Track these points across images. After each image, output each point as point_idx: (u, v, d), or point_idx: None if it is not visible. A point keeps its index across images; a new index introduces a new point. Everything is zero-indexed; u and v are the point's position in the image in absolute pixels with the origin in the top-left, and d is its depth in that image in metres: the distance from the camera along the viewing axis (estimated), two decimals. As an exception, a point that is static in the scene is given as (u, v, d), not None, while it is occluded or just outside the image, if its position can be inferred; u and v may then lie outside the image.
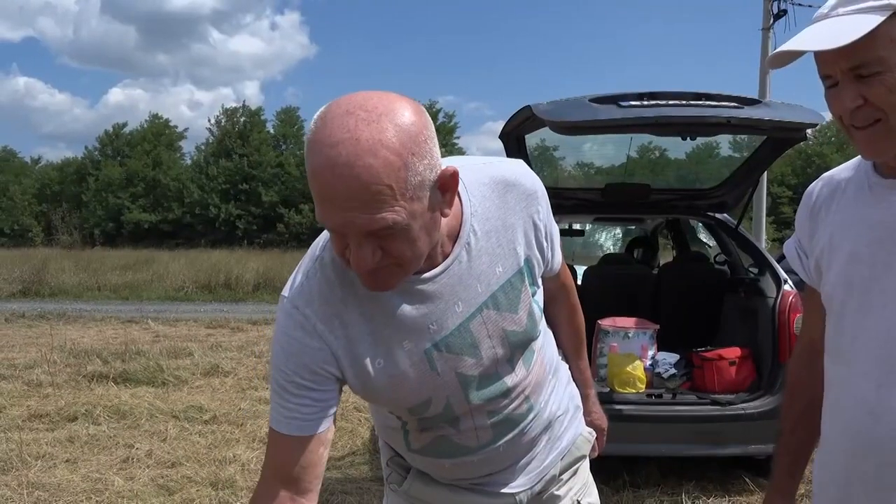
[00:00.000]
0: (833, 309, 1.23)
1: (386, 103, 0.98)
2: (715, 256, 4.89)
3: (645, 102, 3.31)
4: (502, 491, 1.34)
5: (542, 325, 1.33)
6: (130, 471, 4.01)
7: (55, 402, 5.40)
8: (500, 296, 1.19)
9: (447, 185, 1.04)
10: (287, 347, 1.13)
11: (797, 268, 1.38)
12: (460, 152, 46.92)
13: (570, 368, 1.54)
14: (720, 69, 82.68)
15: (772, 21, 13.39)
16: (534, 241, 1.25)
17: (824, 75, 1.12)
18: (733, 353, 3.91)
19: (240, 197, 44.19)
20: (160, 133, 49.02)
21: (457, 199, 1.15)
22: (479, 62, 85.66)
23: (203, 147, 48.31)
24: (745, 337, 4.06)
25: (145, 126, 49.49)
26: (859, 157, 1.24)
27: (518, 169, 1.25)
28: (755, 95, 4.61)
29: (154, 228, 43.63)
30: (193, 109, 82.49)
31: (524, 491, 1.36)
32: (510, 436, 1.28)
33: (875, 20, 1.04)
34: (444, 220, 1.10)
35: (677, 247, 5.86)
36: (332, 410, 1.16)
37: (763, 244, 12.74)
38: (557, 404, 1.39)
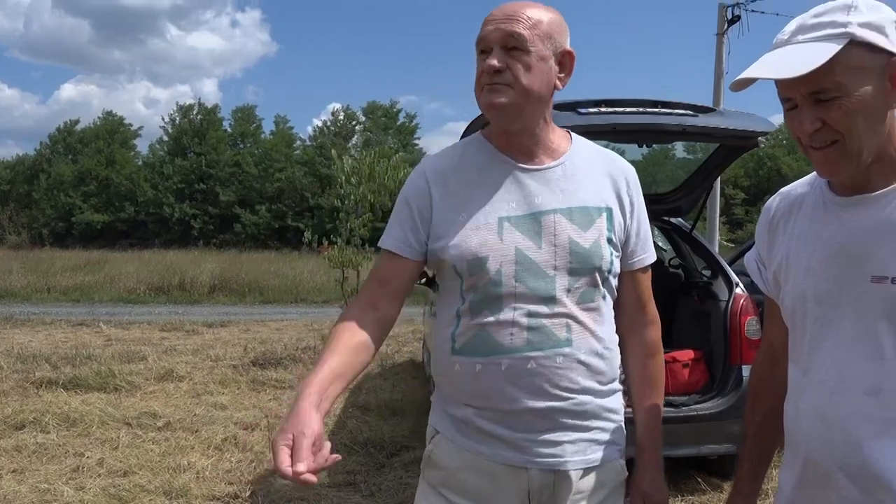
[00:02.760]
0: (792, 320, 1.29)
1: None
2: (669, 260, 4.97)
3: (603, 109, 3.37)
4: (517, 464, 1.41)
5: (609, 287, 1.48)
6: (81, 480, 3.91)
7: (1, 409, 5.23)
8: (575, 212, 1.43)
9: (566, 59, 1.45)
10: (406, 184, 1.52)
11: (757, 279, 1.42)
12: (420, 153, 46.92)
13: (634, 413, 1.55)
14: (680, 69, 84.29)
15: (726, 26, 13.72)
16: (618, 207, 1.48)
17: (785, 98, 1.17)
18: (686, 355, 3.99)
19: (195, 196, 43.42)
20: (114, 131, 47.83)
21: (569, 136, 1.53)
22: (441, 62, 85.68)
23: (157, 145, 47.42)
24: (698, 339, 4.15)
25: (98, 123, 48.32)
26: (815, 173, 1.28)
27: (624, 160, 1.55)
28: (712, 95, 4.67)
29: (106, 228, 42.57)
30: (149, 107, 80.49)
31: (535, 468, 1.41)
32: (540, 354, 1.38)
33: (833, 49, 1.08)
34: (556, 139, 1.49)
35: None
36: (414, 248, 1.46)
37: (717, 245, 13.03)
38: (595, 396, 1.44)
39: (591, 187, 1.47)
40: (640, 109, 3.39)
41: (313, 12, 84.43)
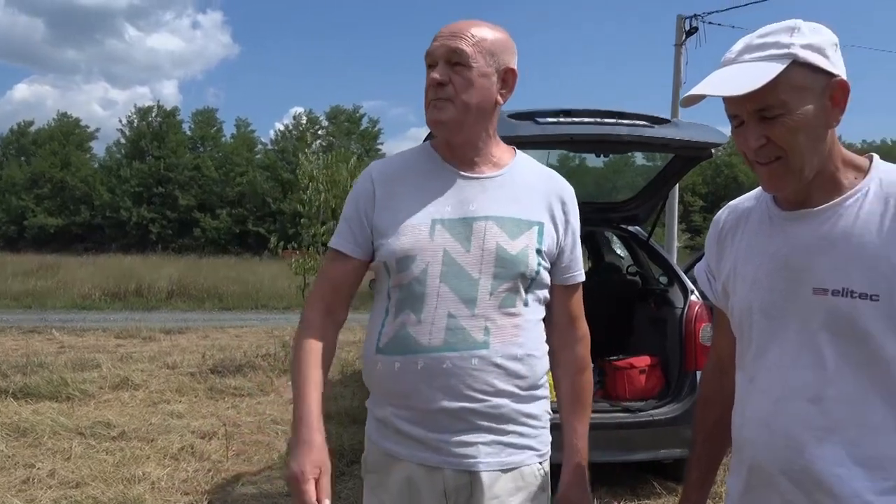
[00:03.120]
0: (740, 331, 1.33)
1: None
2: (627, 268, 5.05)
3: (561, 119, 3.42)
4: (432, 464, 1.45)
5: (534, 296, 1.52)
6: (31, 492, 3.81)
7: (-53, 420, 5.07)
8: (506, 221, 1.49)
9: (509, 77, 1.52)
10: (354, 186, 1.60)
11: (707, 290, 1.47)
12: (383, 157, 46.82)
13: (563, 425, 1.60)
14: (643, 77, 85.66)
15: (684, 38, 14.00)
16: (551, 223, 1.54)
17: (732, 115, 1.21)
18: (643, 361, 4.06)
19: (154, 200, 42.70)
20: (69, 132, 46.84)
21: (513, 151, 1.61)
22: (405, 67, 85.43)
23: (114, 148, 46.53)
24: (655, 346, 4.22)
25: (53, 124, 47.21)
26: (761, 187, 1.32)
27: (564, 180, 1.62)
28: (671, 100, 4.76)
29: (60, 232, 41.58)
30: (107, 108, 79.15)
31: (449, 468, 1.44)
32: (455, 355, 1.42)
33: (777, 68, 1.13)
34: (499, 152, 1.56)
35: (593, 258, 6.04)
36: (361, 247, 1.53)
37: (675, 251, 13.27)
38: (512, 400, 1.47)
39: (526, 201, 1.53)
40: (598, 120, 3.44)
41: (276, 15, 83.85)
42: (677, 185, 8.78)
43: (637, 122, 3.47)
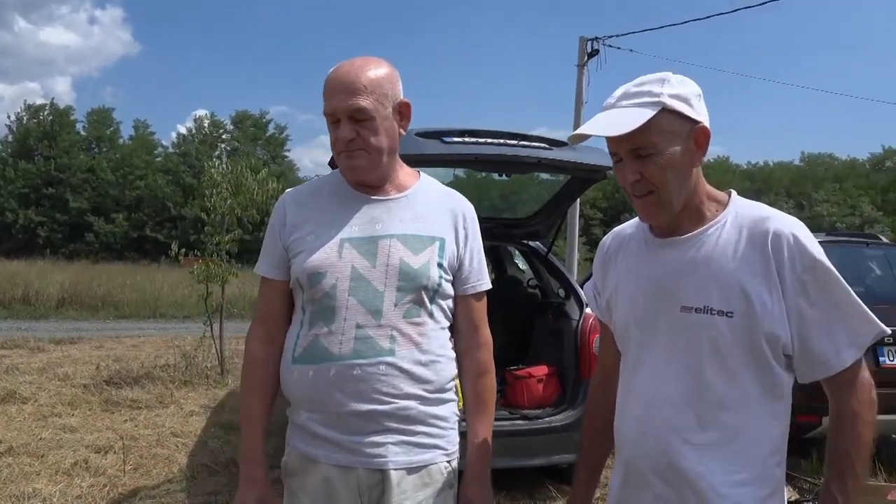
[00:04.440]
0: (621, 344, 1.52)
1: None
2: (528, 281, 5.26)
3: (466, 140, 3.56)
4: (346, 465, 1.56)
5: (438, 306, 1.64)
6: None
7: None
8: (409, 238, 1.62)
9: (404, 109, 1.64)
10: (271, 215, 1.71)
11: (593, 307, 1.65)
12: (290, 165, 45.80)
13: (468, 426, 1.71)
14: (547, 95, 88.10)
15: (586, 59, 14.59)
16: (452, 238, 1.67)
17: (612, 153, 1.39)
18: (541, 371, 4.26)
19: (42, 202, 40.38)
20: (-53, 127, 43.66)
21: (417, 174, 1.74)
22: (315, 72, 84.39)
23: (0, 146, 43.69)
24: (552, 356, 4.43)
25: (-72, 119, 43.89)
26: None
27: (464, 199, 1.76)
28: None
29: (-64, 235, 38.64)
30: (-9, 103, 73.91)
31: (362, 467, 1.56)
32: (364, 362, 1.54)
33: (648, 114, 1.31)
34: (403, 175, 1.69)
35: (496, 271, 6.24)
36: (281, 269, 1.66)
37: (576, 263, 13.77)
38: (419, 402, 1.58)
39: (429, 219, 1.67)
40: (501, 141, 3.61)
41: (179, 14, 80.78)
42: (578, 200, 9.16)
43: (537, 144, 3.66)
